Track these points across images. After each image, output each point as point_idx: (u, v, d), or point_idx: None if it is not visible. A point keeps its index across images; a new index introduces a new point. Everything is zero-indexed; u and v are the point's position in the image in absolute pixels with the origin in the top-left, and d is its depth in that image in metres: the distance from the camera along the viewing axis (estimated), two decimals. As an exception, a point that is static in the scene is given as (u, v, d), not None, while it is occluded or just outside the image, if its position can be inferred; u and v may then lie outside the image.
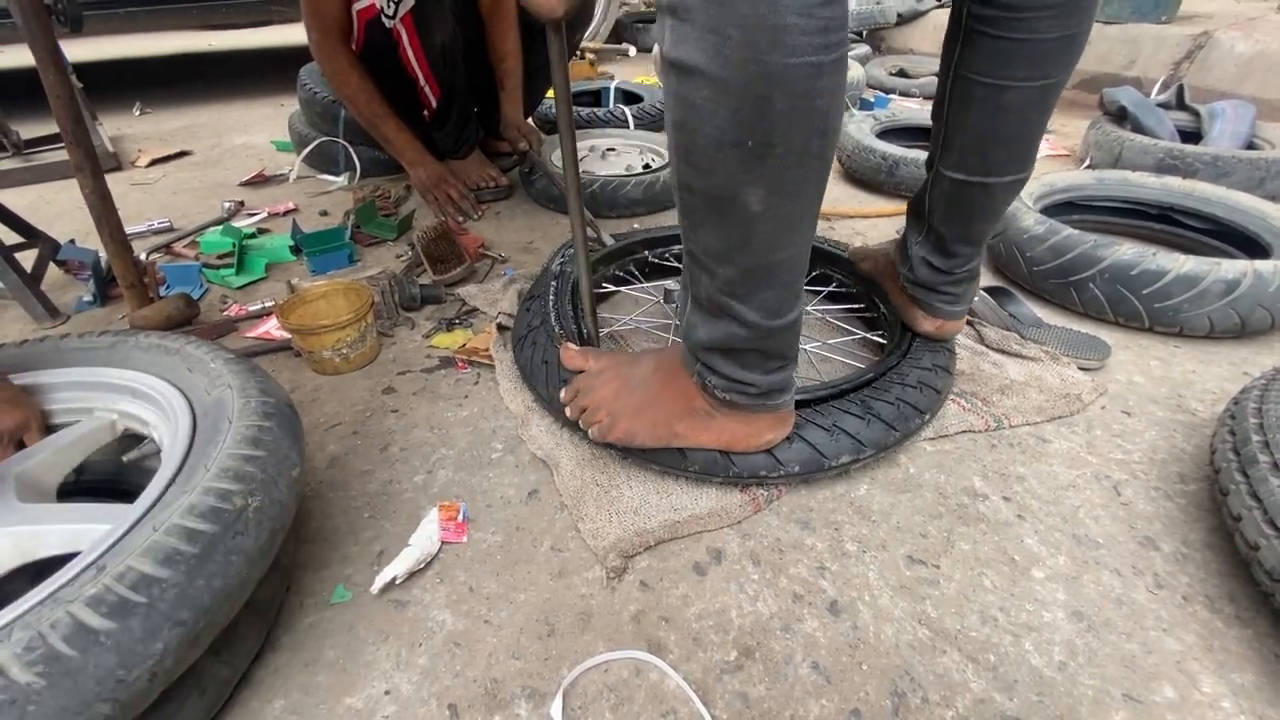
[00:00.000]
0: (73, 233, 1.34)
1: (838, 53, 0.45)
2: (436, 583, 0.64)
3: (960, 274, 0.81)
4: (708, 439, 0.69)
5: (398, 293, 1.11)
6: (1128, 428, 0.84)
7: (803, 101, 0.45)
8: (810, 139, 0.48)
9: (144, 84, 2.98)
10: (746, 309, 0.57)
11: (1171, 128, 1.58)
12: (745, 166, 0.48)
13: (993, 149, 0.70)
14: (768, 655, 0.57)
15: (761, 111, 0.45)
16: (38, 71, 0.89)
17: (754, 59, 0.43)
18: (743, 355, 0.62)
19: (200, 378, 0.63)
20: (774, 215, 0.51)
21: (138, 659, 0.41)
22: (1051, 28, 0.62)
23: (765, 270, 0.55)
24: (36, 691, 0.37)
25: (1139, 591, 0.63)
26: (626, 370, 0.74)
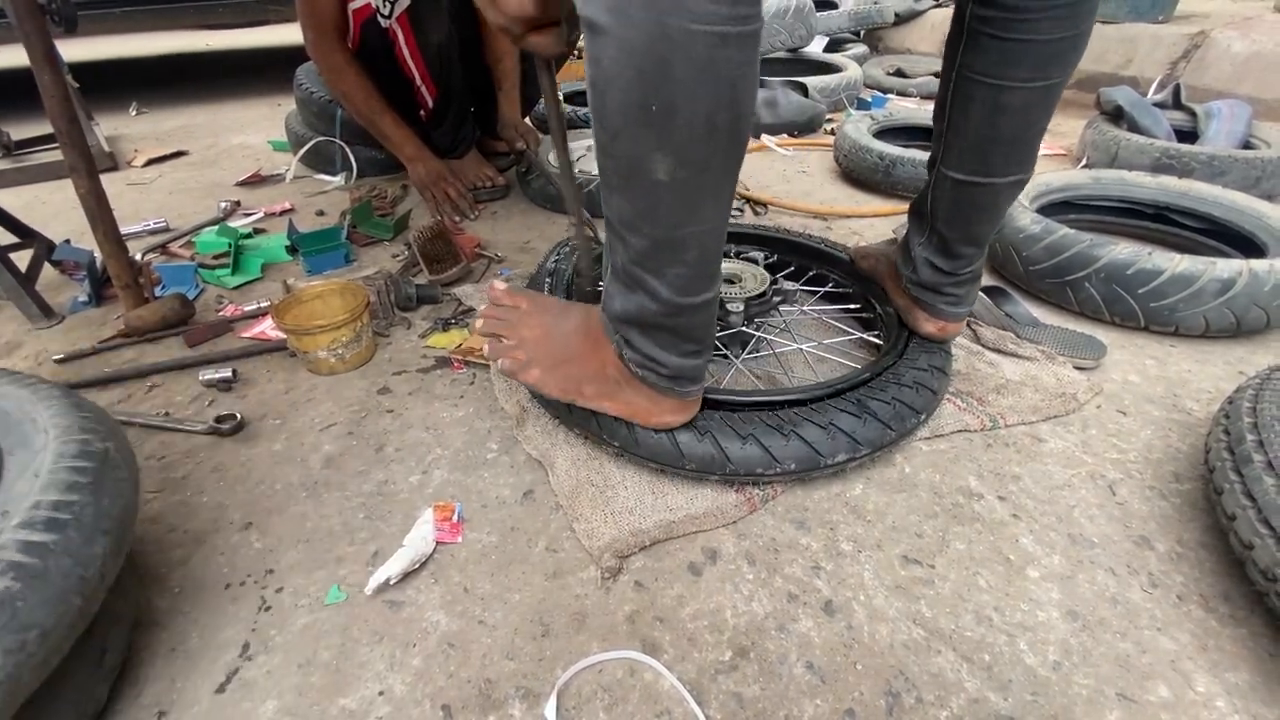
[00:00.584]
0: (68, 233, 1.33)
1: (747, 26, 0.45)
2: (431, 583, 0.64)
3: (964, 275, 0.81)
4: (611, 406, 0.70)
5: (394, 293, 1.11)
6: (1123, 427, 0.84)
7: (706, 70, 0.45)
8: (716, 111, 0.48)
9: (141, 84, 2.97)
10: (658, 283, 0.58)
11: (1168, 127, 1.59)
12: (650, 132, 0.48)
13: (994, 149, 0.71)
14: (762, 655, 0.57)
15: (663, 74, 0.45)
16: (32, 72, 0.89)
17: (655, 19, 0.44)
18: (656, 332, 0.63)
19: None
20: (680, 187, 0.51)
21: (87, 558, 0.47)
22: (1054, 29, 0.63)
23: (673, 244, 0.55)
24: (17, 592, 0.43)
25: (1134, 591, 0.63)
26: (553, 320, 0.75)
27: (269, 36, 3.84)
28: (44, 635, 0.43)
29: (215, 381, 0.92)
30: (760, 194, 1.58)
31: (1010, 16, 0.63)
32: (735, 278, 0.96)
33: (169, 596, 0.63)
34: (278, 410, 0.88)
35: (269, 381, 0.94)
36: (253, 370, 0.97)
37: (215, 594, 0.63)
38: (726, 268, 0.98)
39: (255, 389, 0.93)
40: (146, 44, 3.77)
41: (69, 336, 1.07)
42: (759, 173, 1.77)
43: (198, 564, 0.67)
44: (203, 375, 0.93)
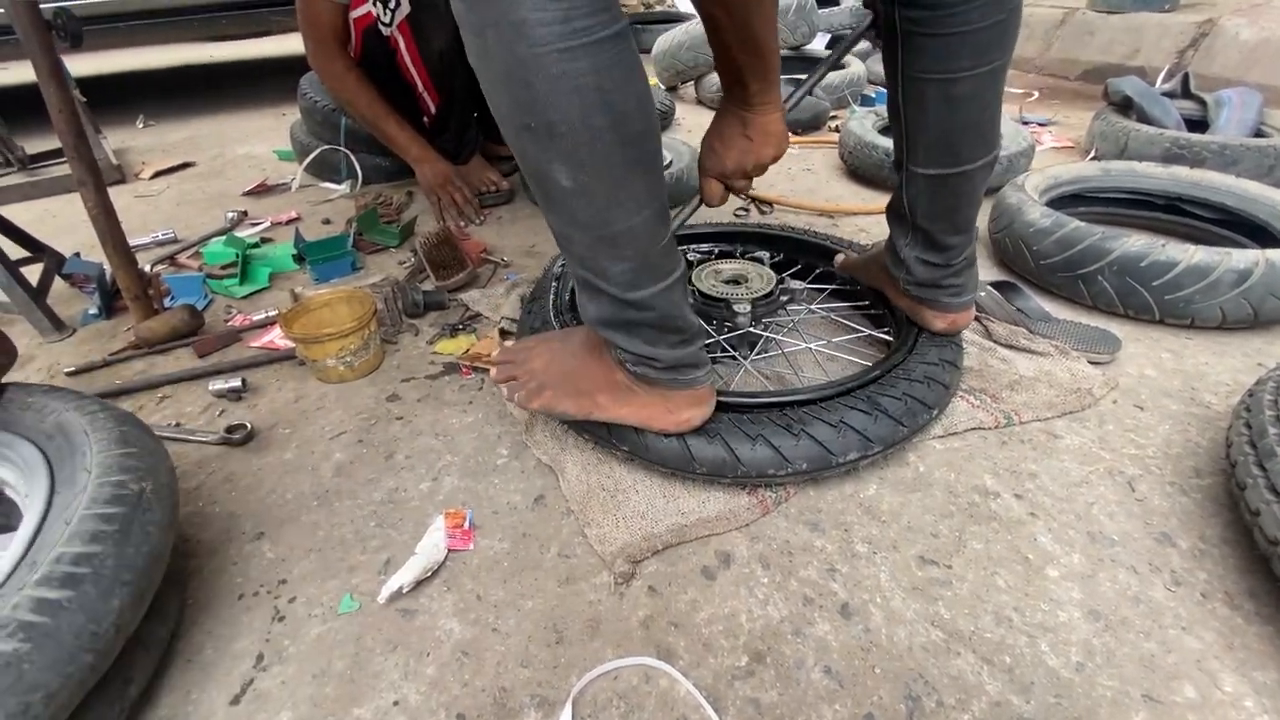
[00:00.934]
0: (78, 246, 1.34)
1: (590, 36, 0.49)
2: (444, 591, 0.64)
3: (958, 263, 0.81)
4: (627, 413, 0.70)
5: (401, 300, 1.11)
6: (1141, 422, 0.83)
7: (562, 82, 0.49)
8: (590, 116, 0.51)
9: (147, 97, 3.00)
10: (604, 283, 0.60)
11: (1177, 117, 1.57)
12: (540, 146, 0.53)
13: (958, 139, 0.72)
14: (779, 660, 0.56)
15: (530, 95, 0.50)
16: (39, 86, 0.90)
17: (509, 51, 0.49)
18: (635, 329, 0.64)
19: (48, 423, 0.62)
20: (586, 191, 0.54)
21: (102, 613, 0.46)
22: (984, 15, 0.64)
23: (604, 244, 0.58)
24: (25, 654, 0.43)
25: (1156, 589, 0.62)
26: (558, 344, 0.77)
27: (272, 47, 3.87)
28: (49, 697, 0.43)
29: (225, 392, 0.93)
30: (765, 193, 1.57)
31: (938, 14, 0.65)
32: (741, 278, 0.95)
33: (178, 605, 0.63)
34: (288, 419, 0.89)
35: (278, 390, 0.95)
36: (262, 379, 0.97)
37: (229, 604, 0.63)
38: (732, 269, 0.98)
39: (265, 398, 0.93)
40: (151, 57, 3.81)
41: (80, 349, 1.07)
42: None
43: (211, 575, 0.67)
44: (213, 385, 0.93)
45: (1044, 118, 2.07)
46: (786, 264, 1.11)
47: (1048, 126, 2.02)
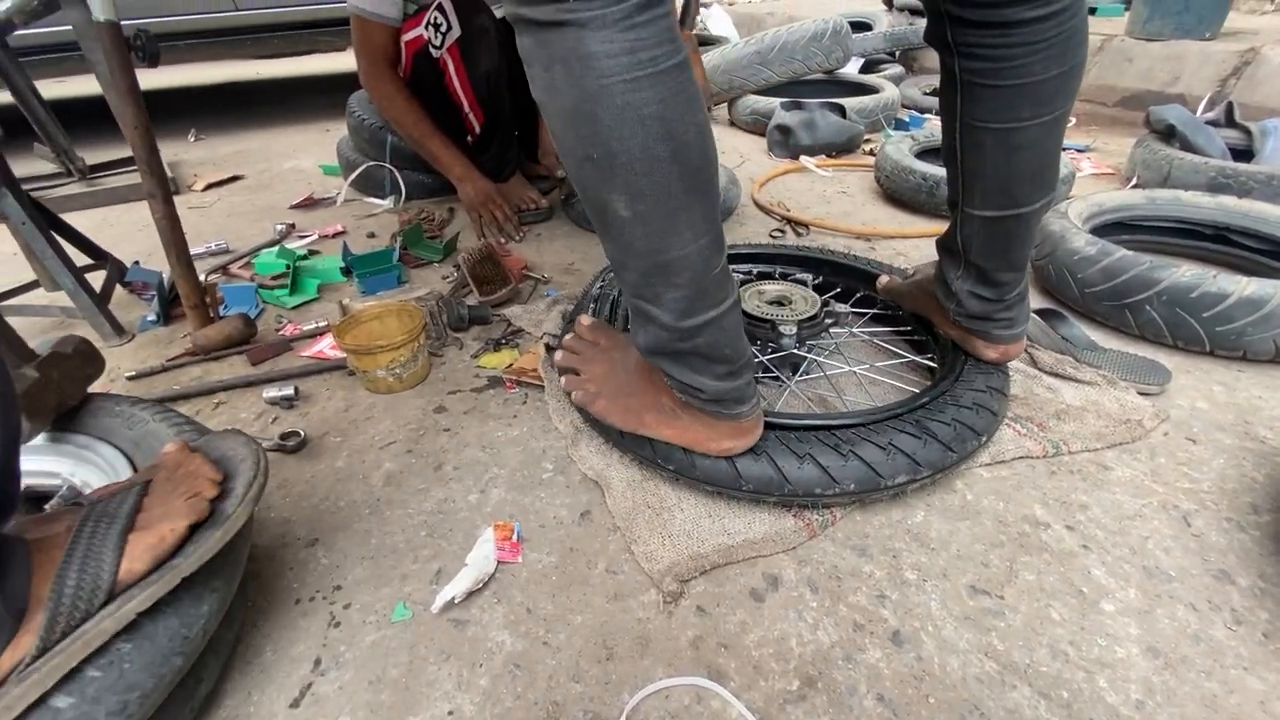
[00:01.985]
0: (134, 254, 1.40)
1: (656, 66, 0.51)
2: (494, 603, 0.65)
3: (1011, 298, 0.80)
4: (671, 434, 0.72)
5: (446, 313, 1.13)
6: (1194, 455, 0.81)
7: (627, 112, 0.51)
8: (650, 145, 0.52)
9: (198, 111, 3.11)
10: (659, 310, 0.61)
11: (1222, 146, 1.55)
12: (601, 177, 0.54)
13: (1016, 185, 0.71)
14: (831, 685, 0.56)
15: (594, 126, 0.52)
16: (106, 101, 0.95)
17: (575, 84, 0.51)
18: (683, 358, 0.65)
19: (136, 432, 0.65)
20: (644, 219, 0.55)
21: (193, 618, 0.49)
22: (1049, 66, 0.63)
23: (659, 271, 0.58)
24: (126, 654, 0.45)
25: (1216, 628, 0.60)
26: (619, 355, 0.79)
27: (316, 64, 4.00)
28: (144, 697, 0.45)
29: (278, 399, 0.95)
30: (801, 215, 1.58)
31: (1000, 66, 0.64)
32: (785, 300, 0.96)
33: (243, 610, 0.65)
34: (338, 428, 0.91)
35: (329, 399, 0.97)
36: (313, 388, 1.00)
37: (286, 609, 0.65)
38: (776, 290, 0.99)
39: (316, 406, 0.96)
40: (204, 73, 3.96)
41: (138, 354, 1.11)
42: (799, 194, 1.77)
43: (269, 579, 0.68)
44: (266, 393, 0.96)
45: (1082, 144, 2.06)
46: (826, 286, 1.12)
47: (1086, 153, 2.00)
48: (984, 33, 0.63)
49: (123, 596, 0.45)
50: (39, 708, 0.42)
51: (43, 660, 0.42)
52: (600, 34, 0.49)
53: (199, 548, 0.48)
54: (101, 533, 0.46)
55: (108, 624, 0.44)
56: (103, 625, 0.44)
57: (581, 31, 0.49)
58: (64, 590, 0.43)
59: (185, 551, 0.48)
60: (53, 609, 0.43)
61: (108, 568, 0.44)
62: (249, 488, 0.53)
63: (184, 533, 0.49)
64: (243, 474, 0.54)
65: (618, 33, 0.49)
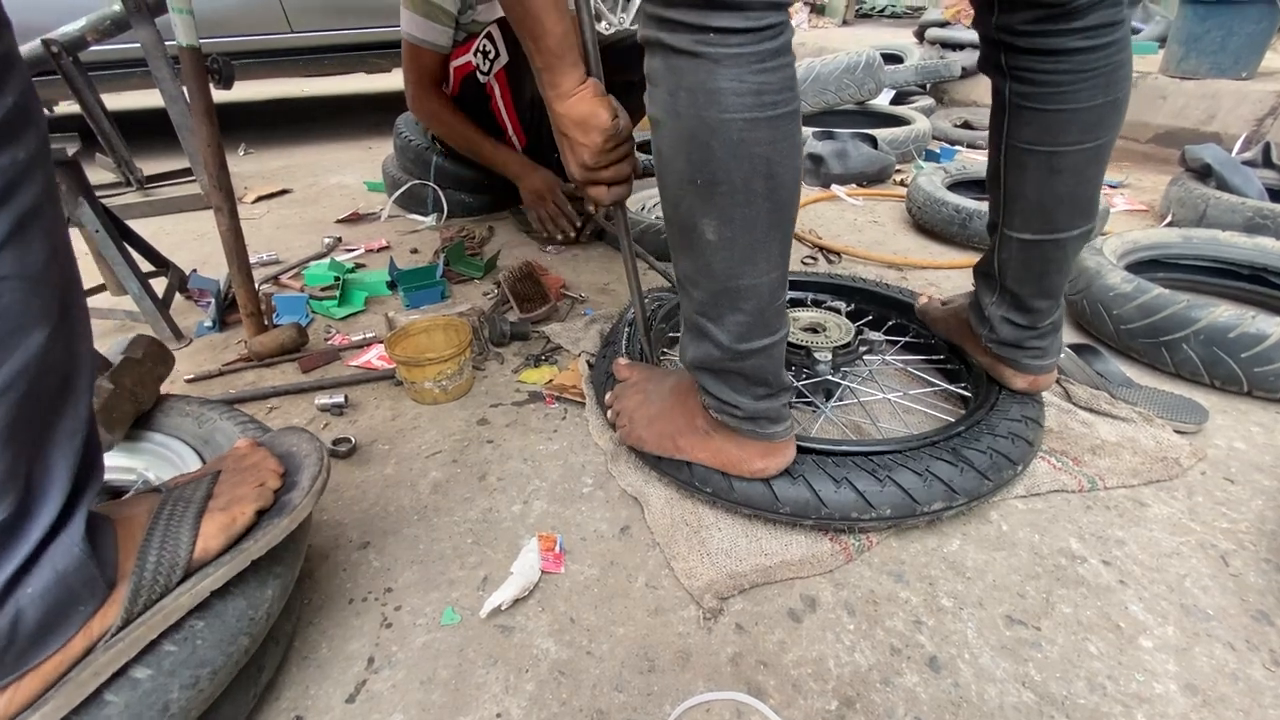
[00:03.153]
0: (189, 262, 1.46)
1: (775, 110, 0.54)
2: (539, 611, 0.67)
3: (1044, 327, 0.82)
4: (704, 456, 0.74)
5: (489, 329, 1.17)
6: (1231, 495, 0.81)
7: (740, 148, 0.55)
8: (752, 179, 0.56)
9: (247, 126, 3.24)
10: (718, 330, 0.64)
11: (1260, 186, 1.55)
12: (700, 200, 0.58)
13: (1055, 208, 0.73)
14: (869, 707, 0.57)
15: (705, 155, 0.55)
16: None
17: (697, 114, 0.54)
18: (727, 377, 0.68)
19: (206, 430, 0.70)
20: (729, 245, 0.59)
21: (259, 600, 0.52)
22: (1095, 95, 0.66)
23: (729, 295, 0.62)
24: (199, 630, 0.48)
25: (1255, 668, 0.61)
26: (651, 385, 0.83)
27: (359, 85, 4.15)
28: (214, 673, 0.48)
29: (329, 406, 0.99)
30: (833, 243, 1.60)
31: (1048, 91, 0.67)
32: (819, 327, 0.98)
33: (300, 606, 0.68)
34: (386, 436, 0.94)
35: (376, 409, 1.01)
36: (361, 397, 1.04)
37: (340, 607, 0.68)
38: (810, 317, 1.01)
39: (365, 415, 1.00)
40: (254, 90, 4.13)
41: (195, 358, 1.17)
42: (830, 222, 1.80)
43: (323, 578, 0.71)
44: (318, 400, 1.00)
45: (1114, 180, 2.06)
46: (858, 314, 1.14)
47: (1119, 189, 2.01)
48: (1035, 59, 0.67)
49: (198, 574, 0.48)
50: (120, 678, 0.45)
51: (126, 631, 0.45)
52: (731, 71, 0.52)
53: (267, 533, 0.52)
54: (179, 514, 0.49)
55: (184, 599, 0.47)
56: (180, 601, 0.47)
57: (715, 67, 0.52)
58: (145, 565, 0.47)
59: (254, 535, 0.51)
60: (135, 582, 0.46)
61: (185, 546, 0.48)
62: (314, 481, 0.56)
63: (252, 517, 0.52)
64: (307, 468, 0.57)
65: (748, 74, 0.53)
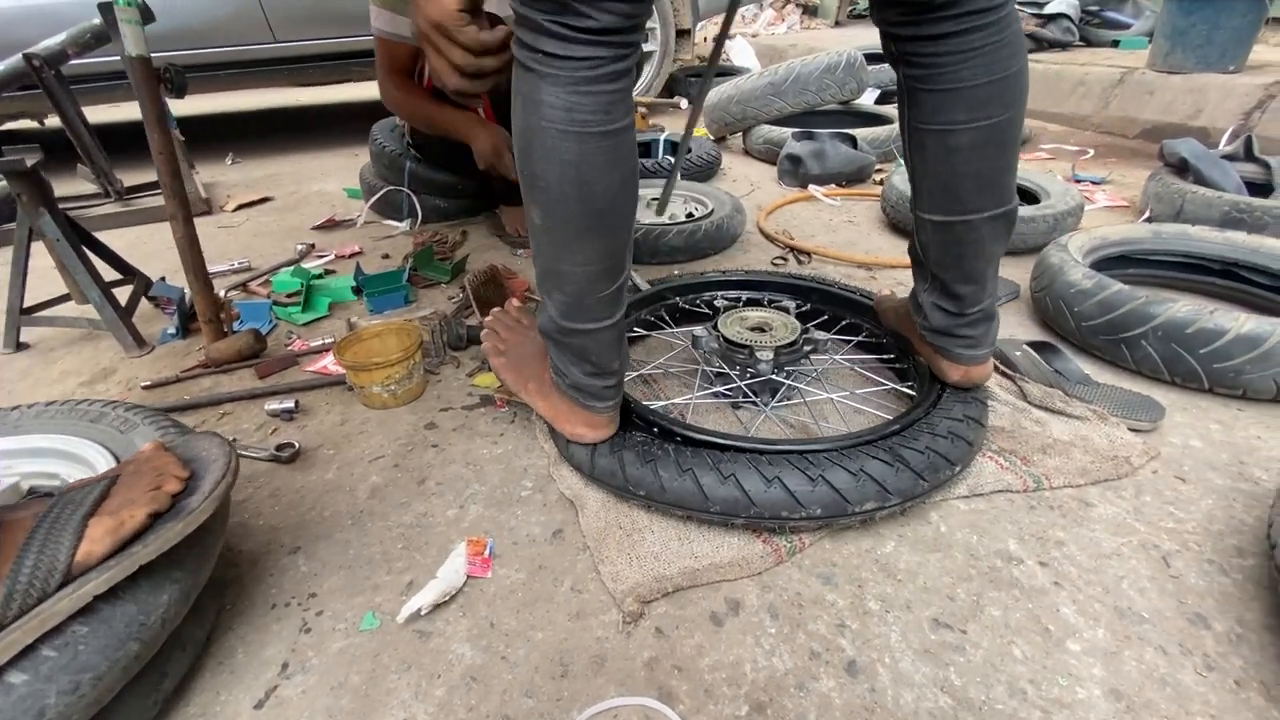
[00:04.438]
0: (164, 270, 1.47)
1: (585, 128, 0.61)
2: (460, 616, 0.66)
3: (973, 314, 0.81)
4: (542, 405, 0.83)
5: (446, 333, 1.17)
6: (1181, 495, 0.79)
7: (551, 153, 0.63)
8: (563, 182, 0.63)
9: (238, 136, 3.27)
10: (550, 303, 0.73)
11: (1237, 180, 1.52)
12: (526, 188, 0.67)
13: (960, 188, 0.74)
14: (780, 713, 0.56)
15: (528, 153, 0.64)
16: (142, 125, 1.01)
17: (525, 118, 0.63)
18: (557, 346, 0.76)
19: (128, 436, 0.69)
20: (548, 232, 0.68)
21: (150, 606, 0.52)
22: (977, 74, 0.69)
23: (553, 276, 0.71)
24: (83, 636, 0.48)
25: (1186, 672, 0.59)
26: (532, 334, 0.90)
27: (348, 93, 4.19)
28: (98, 679, 0.47)
29: (279, 412, 0.99)
30: (804, 243, 1.59)
31: (933, 73, 0.70)
32: (766, 326, 0.97)
33: (218, 611, 0.67)
34: (333, 441, 0.94)
35: (327, 413, 1.01)
36: (314, 402, 1.04)
37: (262, 612, 0.68)
38: (758, 316, 1.00)
39: (315, 420, 1.00)
40: (244, 100, 4.18)
41: (156, 365, 1.17)
42: (805, 222, 1.79)
43: (249, 584, 0.71)
44: (268, 406, 1.00)
45: (1098, 176, 2.04)
46: (814, 314, 1.13)
47: (1102, 185, 1.98)
48: (917, 44, 0.70)
49: (81, 579, 0.48)
50: None
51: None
52: (550, 89, 0.61)
53: (159, 537, 0.51)
54: (65, 518, 0.49)
55: (64, 604, 0.47)
56: (59, 606, 0.46)
57: (539, 81, 0.61)
58: (21, 570, 0.46)
59: (145, 540, 0.51)
60: (9, 587, 0.46)
61: (66, 549, 0.47)
62: (216, 486, 0.56)
63: (144, 520, 0.51)
64: (212, 473, 0.57)
65: (564, 93, 0.60)
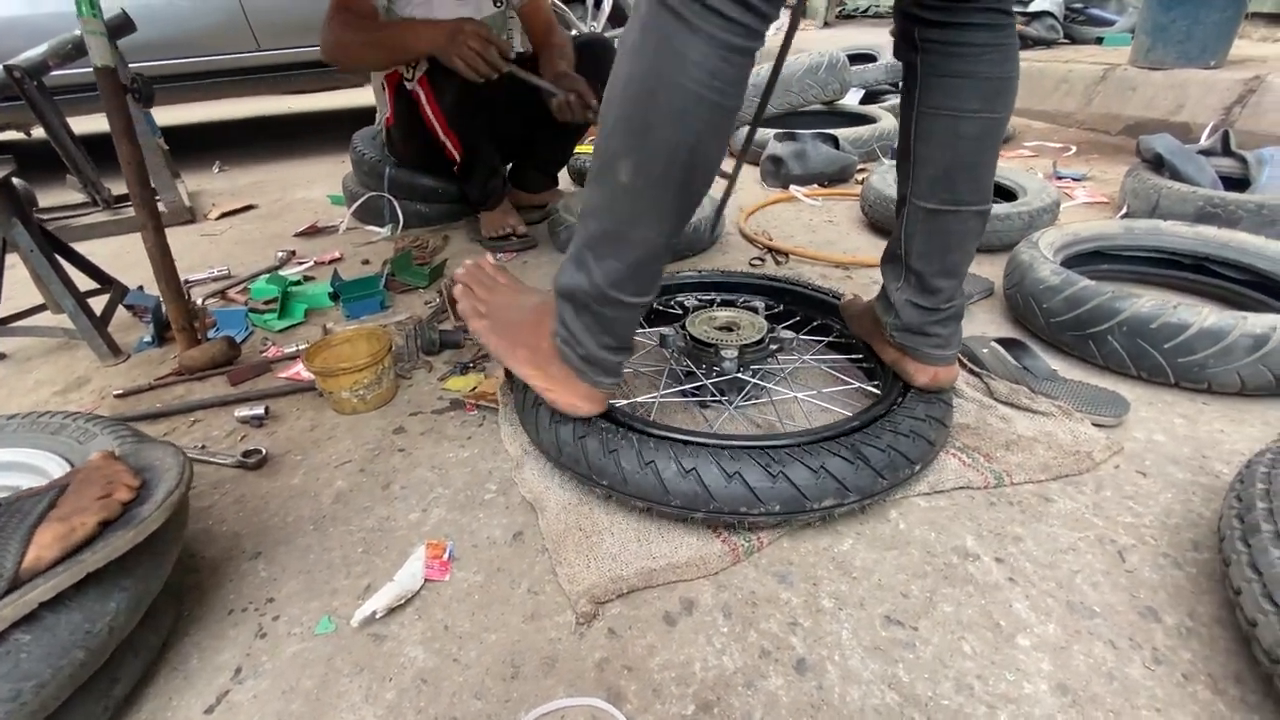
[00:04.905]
0: (146, 279, 1.47)
1: (718, 98, 0.58)
2: (415, 619, 0.67)
3: (947, 311, 0.82)
4: (531, 372, 0.79)
5: (419, 337, 1.17)
6: (1141, 489, 0.80)
7: (681, 115, 0.59)
8: (678, 147, 0.60)
9: (224, 144, 3.28)
10: (596, 267, 0.68)
11: (1213, 175, 1.53)
12: (629, 140, 0.62)
13: (958, 177, 0.77)
14: (726, 711, 0.56)
15: (649, 103, 0.59)
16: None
17: (657, 64, 0.58)
18: (584, 314, 0.72)
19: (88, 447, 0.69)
20: (635, 193, 0.63)
21: (97, 614, 0.52)
22: (993, 68, 0.73)
23: (617, 240, 0.67)
24: (25, 644, 0.48)
25: (1134, 666, 0.59)
26: (520, 297, 0.87)
27: (336, 100, 4.21)
28: (40, 686, 0.48)
29: (249, 418, 1.00)
30: (782, 244, 1.60)
31: (954, 59, 0.74)
32: (734, 325, 0.98)
33: (174, 616, 0.68)
34: (301, 446, 0.95)
35: (297, 419, 1.01)
36: (284, 408, 1.04)
37: (219, 618, 0.68)
38: (726, 316, 1.00)
39: (284, 425, 1.00)
40: (232, 108, 4.19)
41: (131, 373, 1.18)
42: (785, 223, 1.79)
43: (209, 589, 0.71)
44: (238, 412, 1.01)
45: (1079, 172, 2.04)
46: (787, 314, 1.13)
47: (1082, 181, 1.99)
48: (944, 31, 0.73)
49: (25, 587, 0.48)
50: None
51: None
52: (700, 46, 0.57)
53: (108, 545, 0.51)
54: (12, 526, 0.49)
55: (7, 611, 0.47)
56: (2, 614, 0.47)
57: (689, 35, 0.56)
58: None
59: (94, 547, 0.51)
60: None
61: (11, 557, 0.48)
62: (169, 494, 0.56)
63: (93, 528, 0.52)
64: (165, 482, 0.57)
65: (713, 55, 0.57)
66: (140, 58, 2.27)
